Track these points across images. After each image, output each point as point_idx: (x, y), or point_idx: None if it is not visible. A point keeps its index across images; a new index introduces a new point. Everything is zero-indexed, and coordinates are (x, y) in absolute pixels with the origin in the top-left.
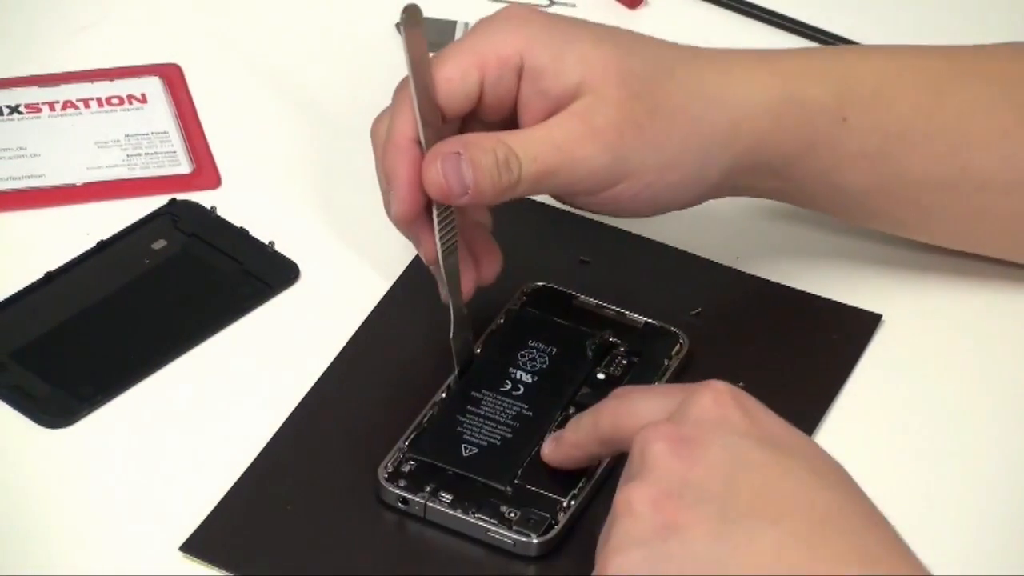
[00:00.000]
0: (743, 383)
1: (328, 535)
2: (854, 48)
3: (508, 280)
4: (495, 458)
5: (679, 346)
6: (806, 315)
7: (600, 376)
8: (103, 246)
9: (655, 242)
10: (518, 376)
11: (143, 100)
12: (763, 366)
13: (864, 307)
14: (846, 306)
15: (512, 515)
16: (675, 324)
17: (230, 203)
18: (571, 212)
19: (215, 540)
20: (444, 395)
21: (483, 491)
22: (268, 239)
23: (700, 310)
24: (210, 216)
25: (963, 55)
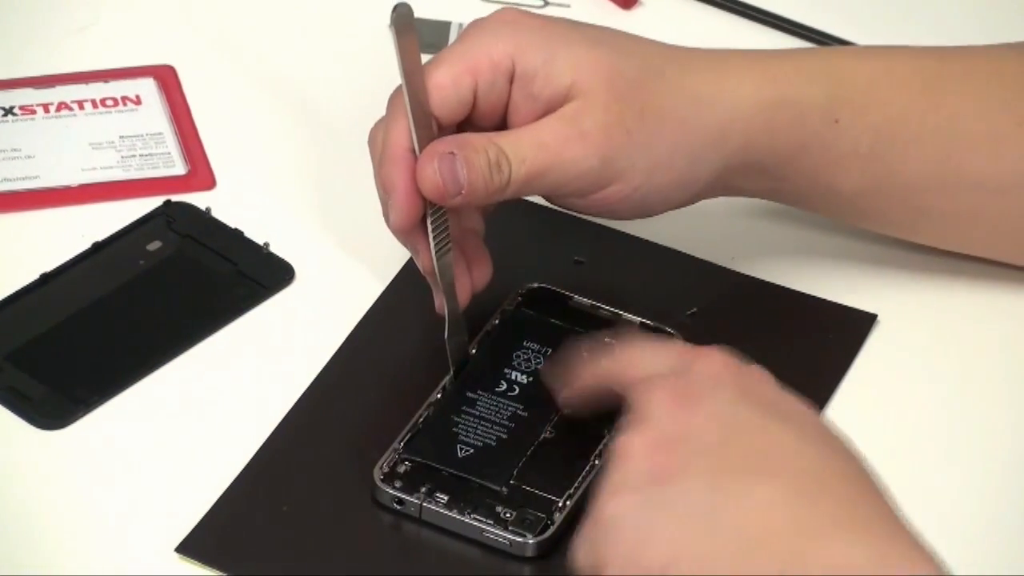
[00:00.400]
0: None
1: (324, 536)
2: (846, 49)
3: (503, 281)
4: (491, 458)
5: None
6: (801, 315)
7: None
8: (98, 247)
9: (650, 243)
10: (513, 377)
11: (138, 101)
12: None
13: (859, 307)
14: (841, 306)
15: (508, 515)
16: (670, 324)
17: (225, 204)
18: (566, 213)
19: (211, 541)
20: (439, 396)
21: (479, 491)
22: (263, 240)
23: (695, 310)
24: (205, 217)
25: (956, 56)
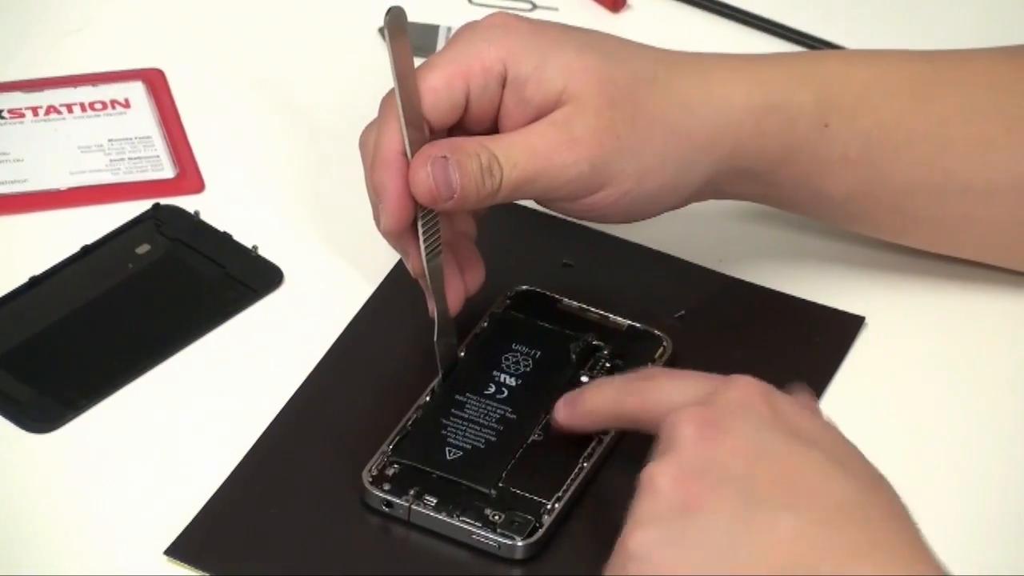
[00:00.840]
0: None
1: (313, 539)
2: (836, 53)
3: (492, 284)
4: (479, 461)
5: (662, 349)
6: (789, 317)
7: (584, 379)
8: (87, 251)
9: (638, 245)
10: (502, 379)
11: (126, 105)
12: (746, 368)
13: (847, 309)
14: (829, 308)
15: (497, 518)
16: (658, 327)
17: (213, 207)
18: (554, 216)
19: (200, 544)
20: (428, 399)
21: (468, 494)
22: (252, 243)
23: (683, 313)
24: (193, 220)
25: (945, 60)
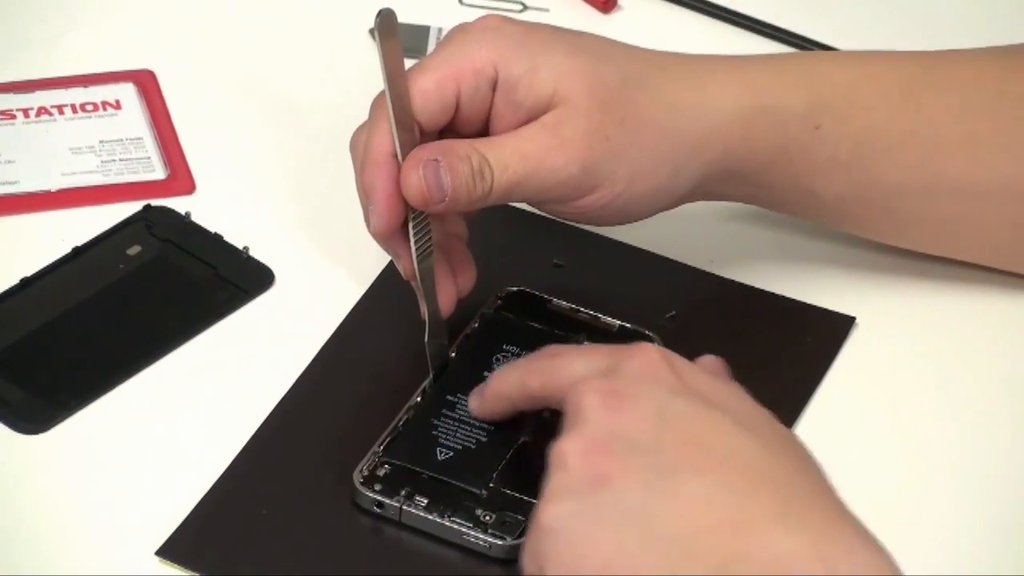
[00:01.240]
0: None
1: (304, 539)
2: (826, 54)
3: (482, 284)
4: (470, 462)
5: None
6: (780, 318)
7: None
8: (78, 252)
9: (629, 246)
10: None
11: (117, 106)
12: (737, 369)
13: (838, 310)
14: (820, 309)
15: (487, 518)
16: (649, 327)
17: (204, 209)
18: (545, 216)
19: (191, 545)
20: (419, 399)
21: (458, 494)
22: (243, 244)
23: (674, 313)
24: (185, 222)
25: (936, 61)
